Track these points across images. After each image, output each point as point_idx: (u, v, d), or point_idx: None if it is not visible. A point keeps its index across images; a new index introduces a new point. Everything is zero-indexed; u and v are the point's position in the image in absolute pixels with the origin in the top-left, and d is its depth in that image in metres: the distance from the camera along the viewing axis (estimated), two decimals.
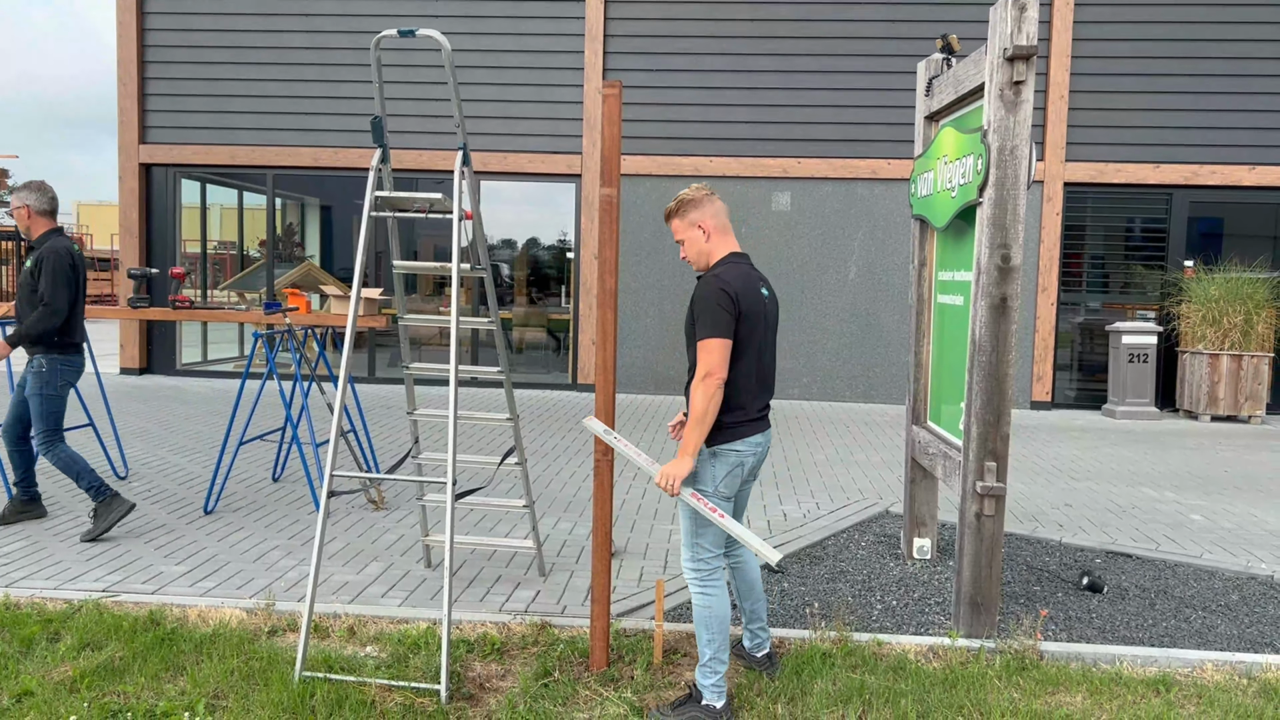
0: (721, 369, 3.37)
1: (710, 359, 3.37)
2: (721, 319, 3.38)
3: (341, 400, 4.04)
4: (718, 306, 3.38)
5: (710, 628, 3.53)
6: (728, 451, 3.52)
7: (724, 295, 3.39)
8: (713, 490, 3.54)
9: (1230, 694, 3.86)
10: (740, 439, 3.52)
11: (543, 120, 12.38)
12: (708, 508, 3.42)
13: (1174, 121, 11.81)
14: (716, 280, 3.43)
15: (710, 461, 3.54)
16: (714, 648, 3.53)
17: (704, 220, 3.59)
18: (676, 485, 3.44)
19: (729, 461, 3.53)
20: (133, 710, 3.46)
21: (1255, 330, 11.18)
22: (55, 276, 5.49)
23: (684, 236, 3.63)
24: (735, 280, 3.45)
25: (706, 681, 3.53)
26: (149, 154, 12.82)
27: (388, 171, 4.43)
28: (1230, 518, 6.73)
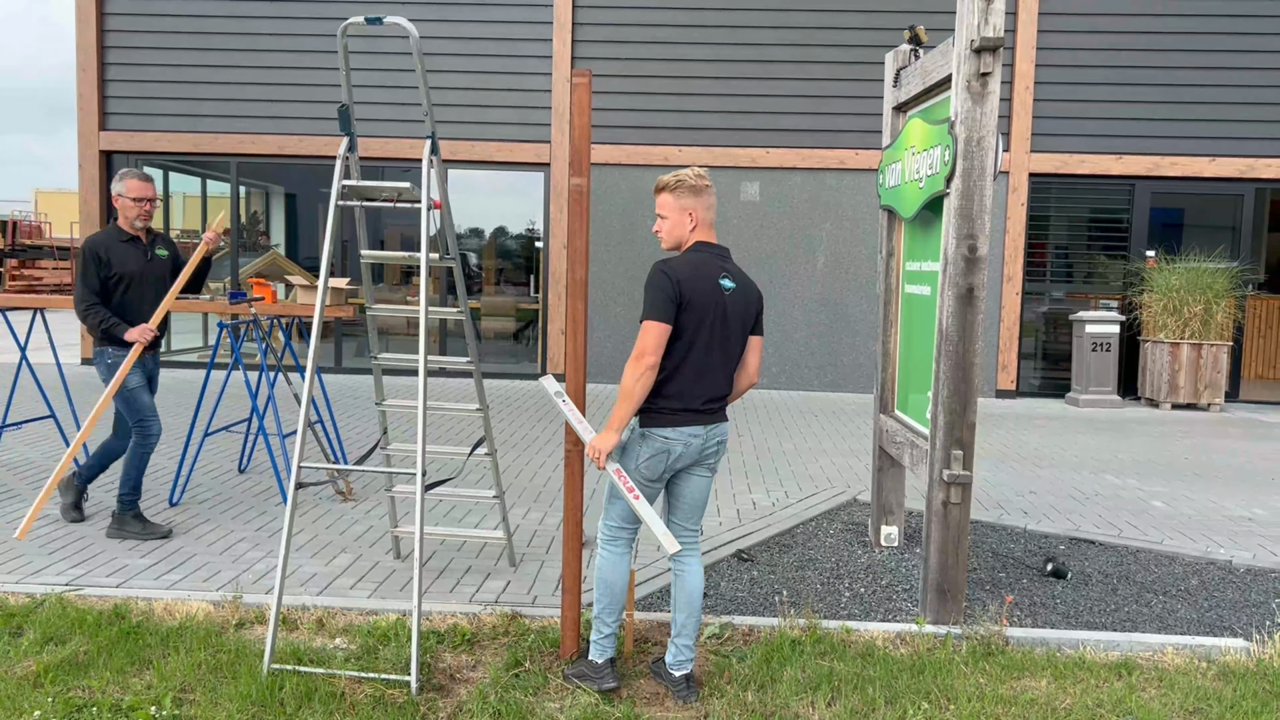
0: (654, 352, 3.40)
1: (645, 340, 3.41)
2: (659, 301, 3.41)
3: (309, 391, 4.01)
4: (658, 289, 3.43)
5: (598, 587, 3.69)
6: (656, 436, 3.53)
7: (665, 279, 3.43)
8: (633, 469, 3.57)
9: (1190, 677, 3.93)
10: (671, 426, 3.52)
11: (512, 109, 12.32)
12: (625, 485, 3.50)
13: (1137, 113, 11.96)
14: (662, 265, 3.47)
15: (639, 442, 3.57)
16: (600, 606, 3.68)
17: (696, 209, 3.59)
18: (602, 459, 3.51)
19: (654, 446, 3.54)
20: (98, 705, 3.43)
21: (1215, 320, 11.36)
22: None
23: (669, 215, 3.61)
24: (683, 268, 3.47)
25: (592, 636, 3.70)
26: (109, 141, 12.62)
27: (355, 160, 4.39)
28: (1190, 504, 6.84)
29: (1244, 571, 5.38)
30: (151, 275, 5.45)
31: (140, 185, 5.34)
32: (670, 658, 3.73)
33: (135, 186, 5.32)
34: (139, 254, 5.38)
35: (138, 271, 5.35)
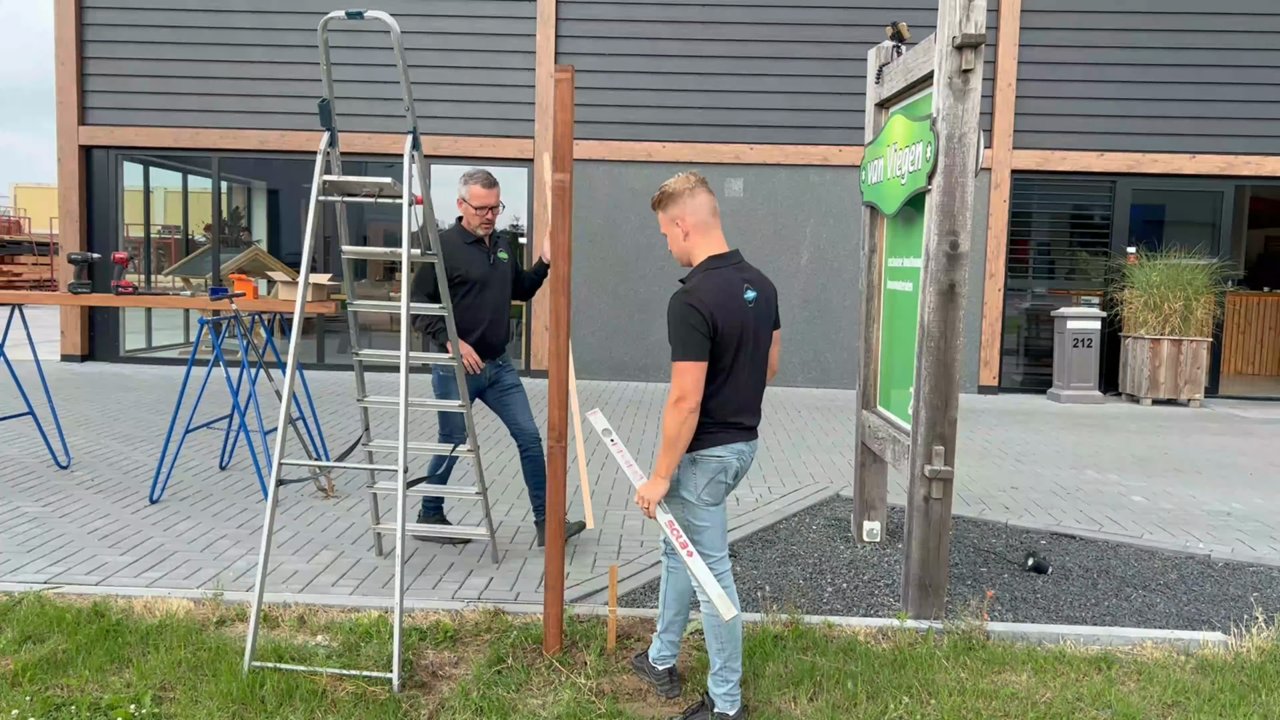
0: (695, 394, 3.19)
1: (682, 383, 3.19)
2: (693, 340, 3.18)
3: (289, 387, 3.98)
4: (689, 327, 3.18)
5: (720, 636, 3.39)
6: (708, 458, 3.35)
7: (695, 314, 3.18)
8: (695, 499, 3.37)
9: (1169, 670, 3.96)
10: (721, 444, 3.35)
11: (494, 104, 12.28)
12: (679, 541, 3.30)
13: (1118, 110, 12.02)
14: (687, 297, 3.21)
15: (690, 469, 3.37)
16: (725, 656, 3.39)
17: (683, 216, 3.37)
18: (652, 508, 3.33)
19: (710, 468, 3.36)
20: (77, 703, 3.40)
21: (1194, 316, 11.44)
22: None
23: (665, 231, 3.44)
24: (709, 294, 3.22)
25: (719, 689, 3.41)
26: (89, 135, 12.52)
27: (336, 155, 4.37)
28: (1170, 499, 6.89)
29: (1222, 566, 5.43)
30: (495, 280, 5.07)
31: (484, 193, 4.93)
32: (655, 652, 3.70)
33: (478, 194, 4.93)
34: (482, 258, 5.03)
35: (481, 276, 4.99)
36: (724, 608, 3.16)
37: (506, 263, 5.15)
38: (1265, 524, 6.30)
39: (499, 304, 5.06)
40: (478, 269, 4.99)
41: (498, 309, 5.06)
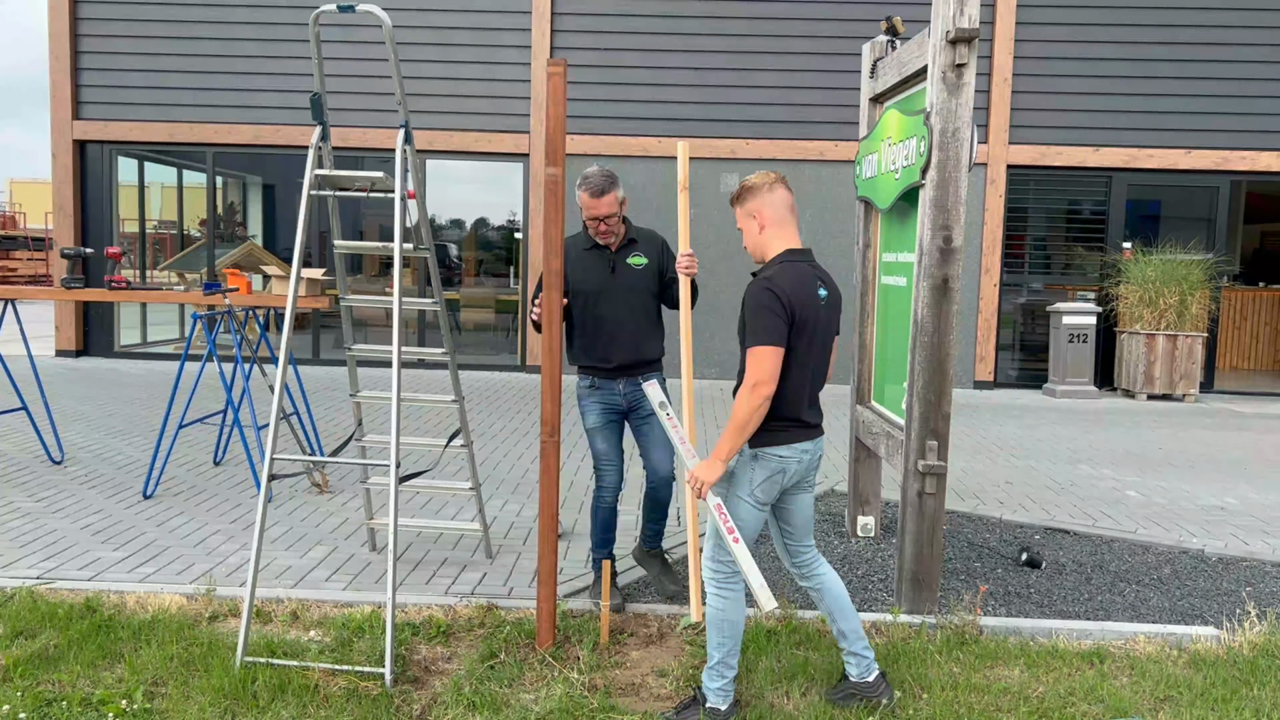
0: (771, 380, 3.17)
1: (760, 368, 3.17)
2: (773, 325, 3.18)
3: (282, 381, 3.98)
4: (769, 312, 3.19)
5: (722, 631, 3.37)
6: (770, 455, 3.32)
7: (775, 300, 3.20)
8: (748, 494, 3.34)
9: (1161, 665, 3.97)
10: (784, 444, 3.33)
11: (490, 99, 12.26)
12: (725, 525, 3.27)
13: (1114, 105, 12.01)
14: (767, 283, 3.23)
15: (750, 464, 3.34)
16: (723, 651, 3.38)
17: (761, 210, 3.38)
18: (705, 490, 3.25)
19: (769, 466, 3.33)
20: (68, 699, 3.39)
21: (1190, 311, 11.45)
22: None
23: (741, 226, 3.45)
24: (788, 284, 3.24)
25: (713, 684, 3.39)
26: (83, 130, 12.48)
27: (328, 149, 4.36)
28: (1164, 494, 6.90)
29: (1216, 560, 5.43)
30: (617, 290, 4.30)
31: (589, 202, 4.20)
32: (856, 670, 3.54)
33: (584, 202, 4.23)
34: (602, 265, 4.32)
35: (596, 287, 4.29)
36: (764, 599, 3.15)
37: (642, 270, 4.32)
38: (1259, 519, 6.31)
39: (623, 318, 4.30)
40: (594, 279, 4.31)
41: (621, 323, 4.30)
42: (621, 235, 4.34)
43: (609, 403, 4.38)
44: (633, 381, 4.35)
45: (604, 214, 4.20)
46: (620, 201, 4.23)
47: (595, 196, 4.18)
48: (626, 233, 4.37)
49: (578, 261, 4.33)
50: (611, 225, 4.23)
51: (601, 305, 4.31)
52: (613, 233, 4.26)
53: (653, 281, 4.35)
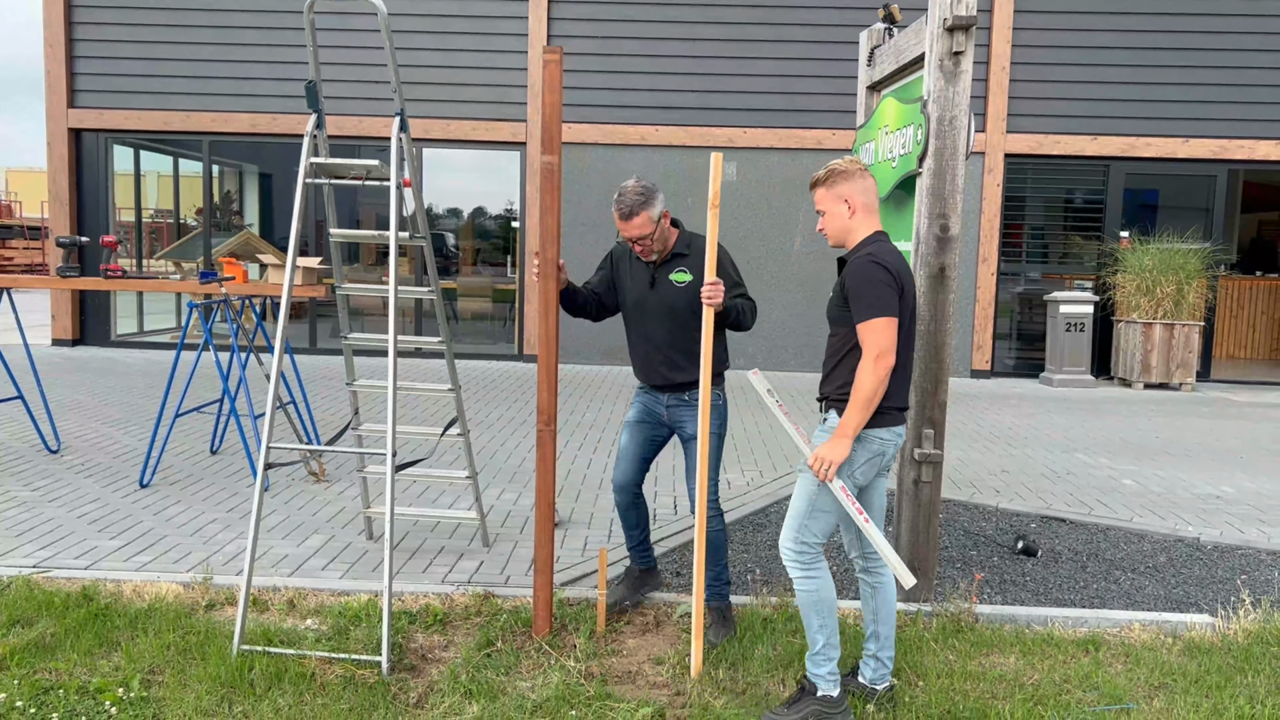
0: (892, 349, 3.15)
1: (881, 339, 3.14)
2: (886, 296, 3.17)
3: (278, 370, 3.97)
4: (878, 283, 3.18)
5: (821, 613, 3.31)
6: (873, 438, 3.29)
7: (885, 272, 3.19)
8: (847, 476, 3.31)
9: (1156, 652, 3.98)
10: (887, 426, 3.31)
11: (486, 87, 12.22)
12: (855, 507, 3.21)
13: (1112, 94, 12.00)
14: (872, 258, 3.22)
15: (853, 445, 3.28)
16: (826, 633, 3.32)
17: (852, 196, 3.35)
18: (832, 472, 3.19)
19: (871, 449, 3.30)
20: (65, 687, 3.40)
21: (1187, 300, 11.45)
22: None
23: (826, 209, 3.39)
24: (894, 258, 3.25)
25: (820, 670, 3.32)
26: (78, 119, 12.43)
27: (323, 138, 4.35)
28: (1160, 482, 6.91)
29: (1211, 548, 5.45)
30: (656, 306, 4.00)
31: (623, 225, 3.87)
32: (871, 673, 3.51)
33: (619, 225, 3.90)
34: (643, 276, 4.04)
35: (638, 297, 4.05)
36: (905, 576, 3.13)
37: (684, 288, 3.95)
38: (1254, 507, 6.32)
39: (658, 337, 4.01)
40: (635, 289, 4.07)
41: (655, 342, 4.02)
42: (668, 248, 3.99)
43: (650, 406, 4.14)
44: (677, 398, 4.05)
45: (635, 236, 3.87)
46: (656, 220, 3.86)
47: (625, 219, 3.85)
48: (674, 244, 4.00)
49: (626, 267, 4.11)
50: (648, 245, 3.90)
51: (638, 318, 4.07)
52: (652, 251, 3.94)
53: (696, 301, 3.89)
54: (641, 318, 4.06)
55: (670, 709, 3.41)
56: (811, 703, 3.29)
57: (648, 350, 4.06)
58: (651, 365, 4.06)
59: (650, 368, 4.07)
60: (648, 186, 3.86)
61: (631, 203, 3.82)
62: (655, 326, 4.02)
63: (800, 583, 3.34)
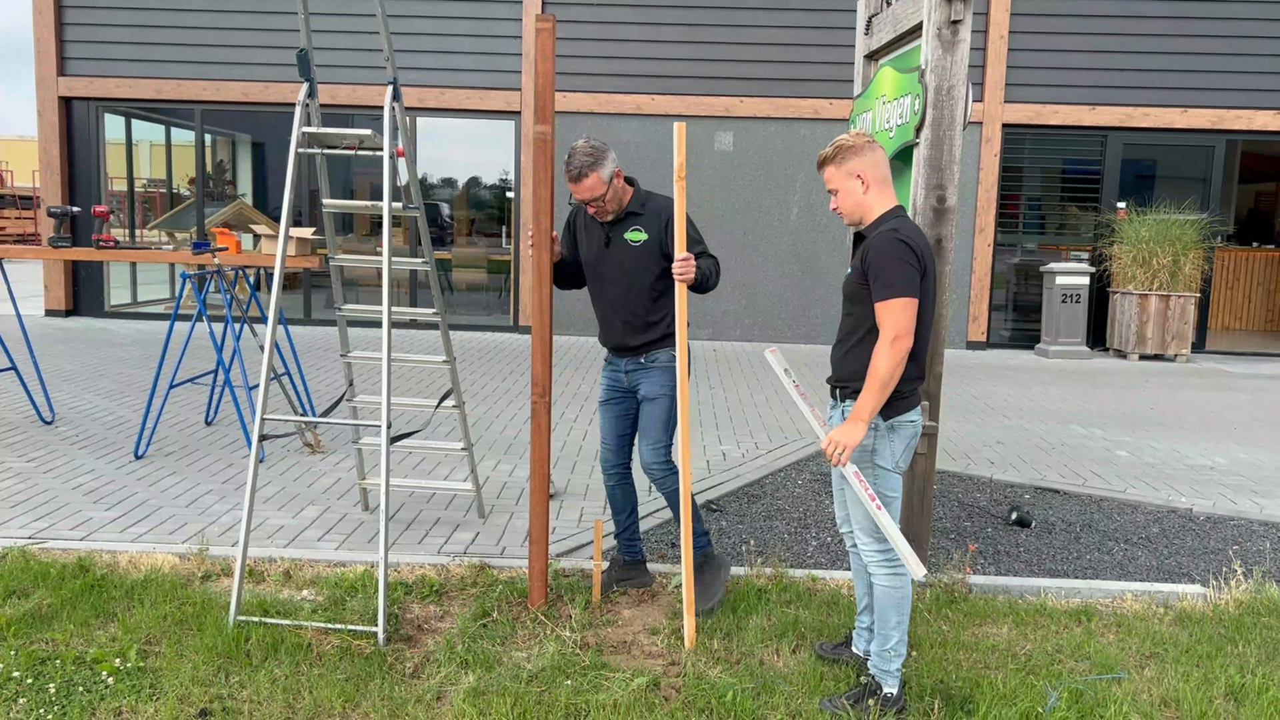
0: (910, 333, 3.07)
1: (900, 320, 3.05)
2: (908, 276, 3.07)
3: (271, 341, 3.95)
4: (902, 262, 3.07)
5: (901, 610, 3.25)
6: (904, 423, 3.23)
7: (908, 250, 3.09)
8: (892, 466, 3.23)
9: (1148, 622, 4.00)
10: (914, 408, 3.26)
11: (480, 55, 12.11)
12: (868, 494, 3.14)
13: (1110, 64, 11.92)
14: (895, 234, 3.12)
15: (888, 436, 3.22)
16: (901, 631, 3.26)
17: (864, 170, 3.23)
18: (845, 456, 3.10)
19: (906, 434, 3.24)
20: (61, 658, 3.41)
21: (1183, 271, 11.44)
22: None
23: (838, 186, 3.27)
24: (918, 237, 3.16)
25: (889, 666, 3.26)
26: (68, 87, 12.31)
27: (315, 107, 4.30)
28: (1154, 453, 6.93)
29: (1204, 519, 5.47)
30: (610, 266, 3.98)
31: (574, 188, 3.82)
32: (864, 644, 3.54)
33: (570, 187, 3.84)
34: (598, 236, 3.99)
35: (593, 258, 4.03)
36: (914, 566, 3.05)
37: (640, 246, 3.91)
38: (1247, 478, 6.35)
39: (613, 296, 4.00)
40: (591, 249, 4.03)
41: (611, 302, 4.01)
42: (622, 207, 3.92)
43: (613, 380, 4.12)
44: (634, 361, 4.02)
45: (586, 199, 3.83)
46: (608, 180, 3.80)
47: (575, 181, 3.79)
48: (629, 203, 3.93)
49: (583, 227, 4.07)
50: (601, 206, 3.86)
51: (596, 280, 4.05)
52: (607, 211, 3.89)
53: (652, 261, 3.91)
54: (599, 278, 4.03)
55: (665, 678, 3.43)
56: (874, 698, 3.23)
57: (606, 311, 4.05)
58: (611, 325, 4.05)
59: (609, 328, 4.06)
60: (597, 146, 3.81)
61: (580, 164, 3.77)
62: (611, 286, 3.99)
63: (886, 579, 3.25)
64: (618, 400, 4.14)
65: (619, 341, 4.03)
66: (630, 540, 4.26)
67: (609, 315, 4.04)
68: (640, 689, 3.32)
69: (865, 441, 3.21)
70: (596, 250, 4.00)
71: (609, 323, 4.05)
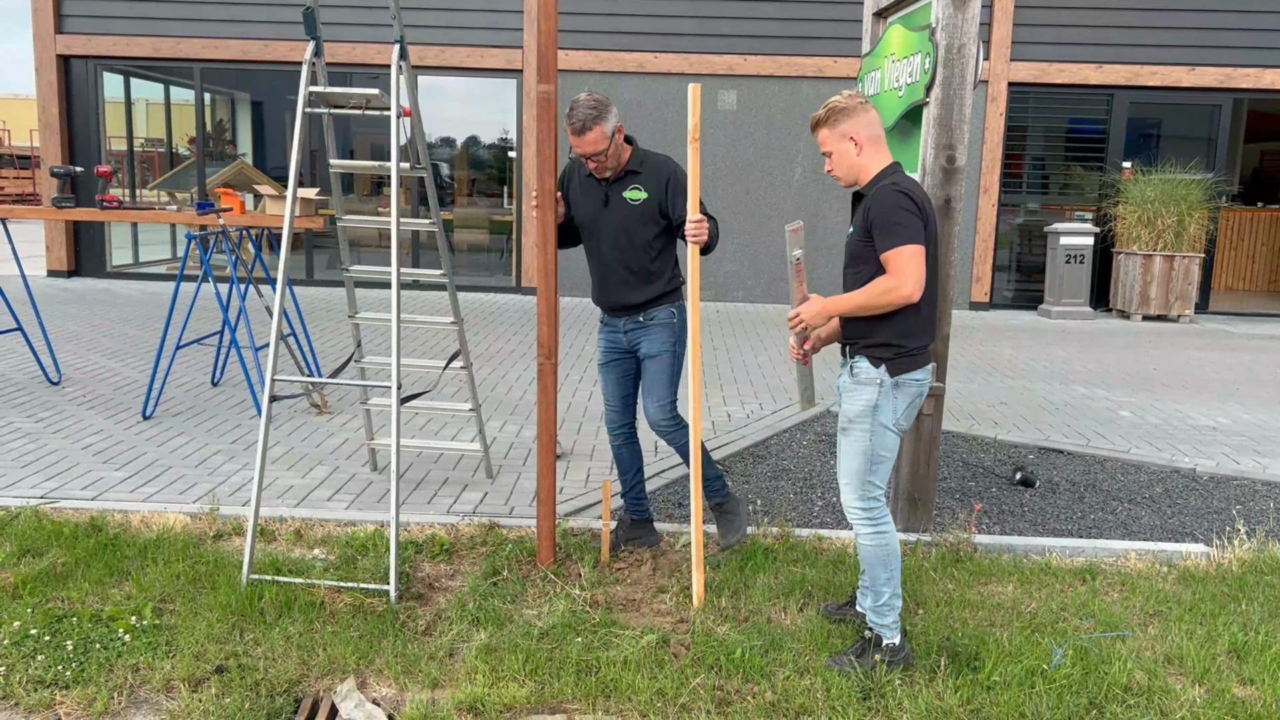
0: (916, 282, 3.05)
1: (906, 268, 3.04)
2: (913, 224, 3.07)
3: (280, 303, 3.96)
4: (905, 211, 3.07)
5: (889, 565, 3.27)
6: (909, 381, 3.23)
7: (910, 200, 3.09)
8: (893, 423, 3.24)
9: (1151, 581, 4.04)
10: (921, 367, 3.26)
11: (482, 12, 11.98)
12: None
13: (1118, 20, 11.79)
14: (895, 187, 3.12)
15: (893, 393, 3.22)
16: (892, 586, 3.29)
17: (857, 131, 3.21)
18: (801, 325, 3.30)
19: (910, 392, 3.24)
20: (78, 615, 3.44)
21: (1188, 231, 11.40)
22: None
23: (832, 149, 3.26)
24: (917, 189, 3.16)
25: (885, 620, 3.30)
26: (66, 45, 12.20)
27: (322, 65, 4.27)
28: (1157, 414, 6.96)
29: (1207, 479, 5.50)
30: (608, 224, 3.94)
31: (575, 141, 3.75)
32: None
33: (572, 140, 3.76)
34: (596, 195, 3.95)
35: (590, 217, 3.97)
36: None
37: (639, 205, 3.88)
38: (1250, 438, 6.37)
39: (612, 257, 3.96)
40: (588, 209, 3.98)
41: (609, 262, 3.97)
42: (621, 164, 3.89)
43: (612, 341, 4.11)
44: (633, 321, 4.00)
45: (589, 152, 3.76)
46: (610, 135, 3.75)
47: (577, 134, 3.72)
48: (628, 161, 3.90)
49: (578, 187, 4.01)
50: (602, 161, 3.80)
51: (593, 239, 4.00)
52: (606, 167, 3.84)
53: (650, 220, 3.89)
54: (596, 236, 3.99)
55: (674, 635, 3.47)
56: (877, 651, 3.27)
57: (603, 270, 4.01)
58: (607, 285, 4.01)
59: (606, 288, 4.02)
60: (600, 100, 3.76)
61: (584, 117, 3.70)
62: (609, 245, 3.96)
63: (870, 538, 3.28)
64: (618, 361, 4.13)
65: (616, 300, 4.01)
66: (637, 499, 4.29)
67: (606, 274, 4.01)
68: (650, 646, 3.36)
69: (868, 397, 3.23)
70: (594, 209, 3.96)
71: (606, 282, 4.02)
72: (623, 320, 4.04)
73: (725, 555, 4.11)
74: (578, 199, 4.01)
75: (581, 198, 3.99)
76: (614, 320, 4.08)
